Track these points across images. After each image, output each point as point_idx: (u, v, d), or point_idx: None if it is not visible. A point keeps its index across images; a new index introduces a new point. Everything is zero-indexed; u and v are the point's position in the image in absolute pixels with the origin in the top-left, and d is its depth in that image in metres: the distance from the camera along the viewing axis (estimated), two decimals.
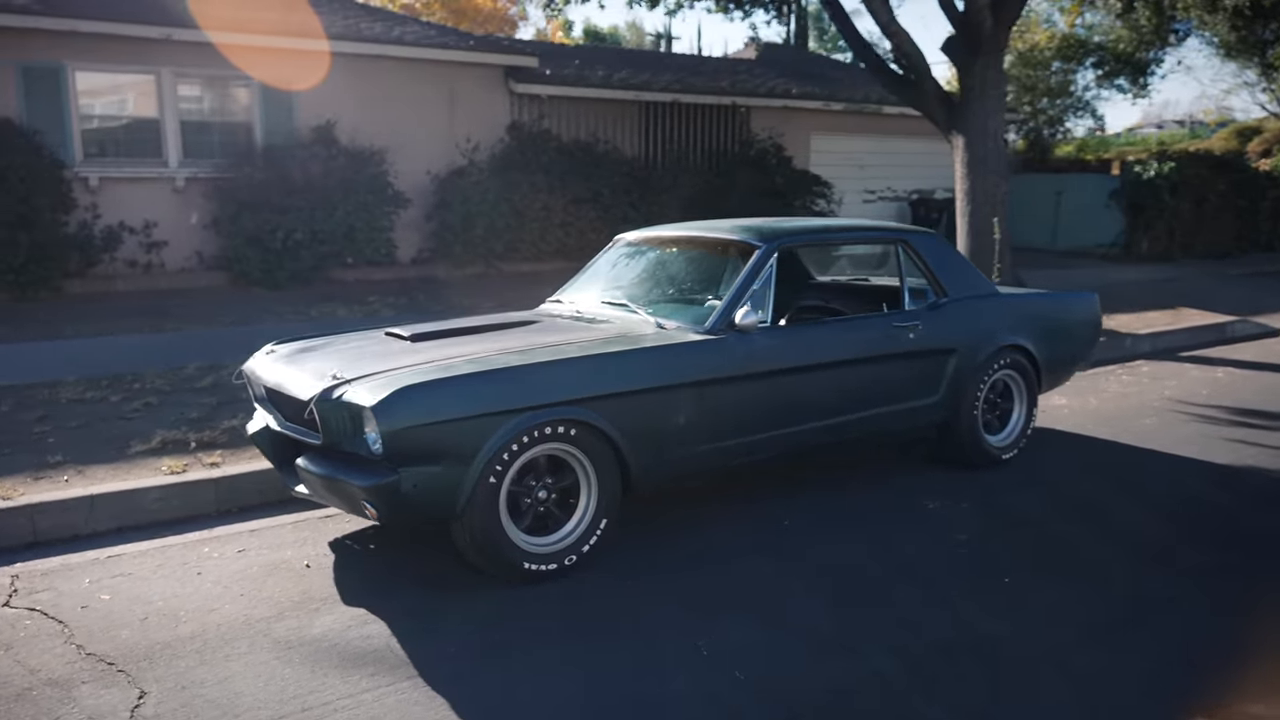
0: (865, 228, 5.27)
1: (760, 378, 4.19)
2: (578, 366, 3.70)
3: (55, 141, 10.20)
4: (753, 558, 3.98)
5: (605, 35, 34.00)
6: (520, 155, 12.73)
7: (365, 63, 12.03)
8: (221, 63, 11.08)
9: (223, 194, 10.77)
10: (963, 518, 4.47)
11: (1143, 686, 2.99)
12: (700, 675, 3.00)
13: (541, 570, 3.64)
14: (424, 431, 3.34)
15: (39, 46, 10.12)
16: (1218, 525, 4.43)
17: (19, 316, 8.75)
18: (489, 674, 3.01)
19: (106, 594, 3.57)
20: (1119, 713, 2.85)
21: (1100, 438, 5.92)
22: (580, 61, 15.16)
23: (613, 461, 3.78)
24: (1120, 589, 3.70)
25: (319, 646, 3.17)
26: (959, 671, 3.07)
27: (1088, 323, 5.75)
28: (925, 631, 3.32)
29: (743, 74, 17.02)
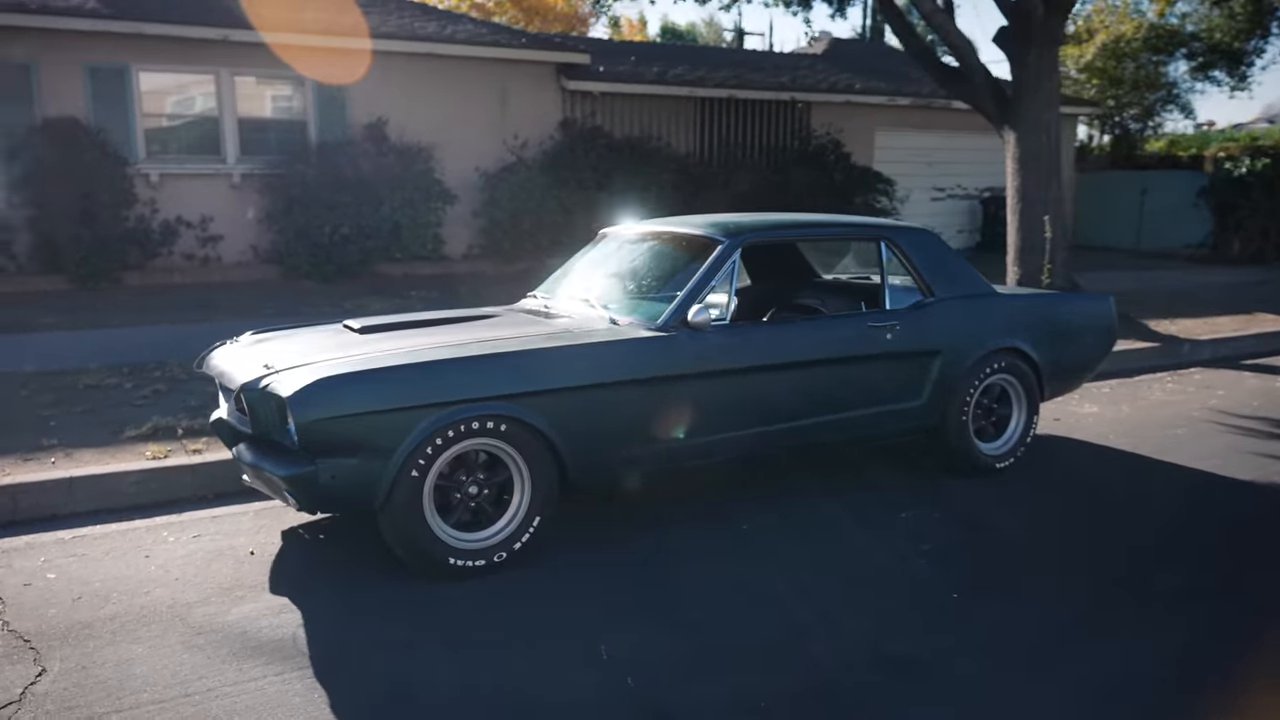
0: (843, 224, 5.08)
1: (714, 377, 4.08)
2: (507, 362, 3.66)
3: (119, 139, 10.67)
4: (699, 563, 3.87)
5: (682, 33, 33.87)
6: (569, 152, 12.77)
7: (417, 61, 12.24)
8: (277, 62, 11.43)
9: (274, 190, 11.11)
10: (932, 528, 4.26)
11: (1051, 718, 2.79)
12: (588, 680, 2.93)
13: (468, 566, 3.61)
14: (340, 424, 3.35)
15: (105, 48, 10.60)
16: (1204, 546, 4.11)
17: (76, 305, 9.18)
18: (381, 668, 2.99)
19: (53, 573, 3.70)
20: None
21: (1116, 448, 5.58)
22: (636, 58, 15.13)
23: (548, 459, 3.73)
24: (1069, 611, 3.46)
25: (228, 633, 3.21)
26: (867, 688, 2.91)
27: (1098, 327, 5.42)
28: (847, 646, 3.17)
29: (805, 69, 16.72)
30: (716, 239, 4.38)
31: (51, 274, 10.19)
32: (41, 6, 10.22)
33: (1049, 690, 2.92)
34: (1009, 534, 4.21)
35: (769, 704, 2.81)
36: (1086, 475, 5.09)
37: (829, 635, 3.24)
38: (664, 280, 4.37)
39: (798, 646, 3.16)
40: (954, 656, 3.11)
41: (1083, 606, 3.49)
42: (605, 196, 12.65)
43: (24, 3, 10.18)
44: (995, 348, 4.87)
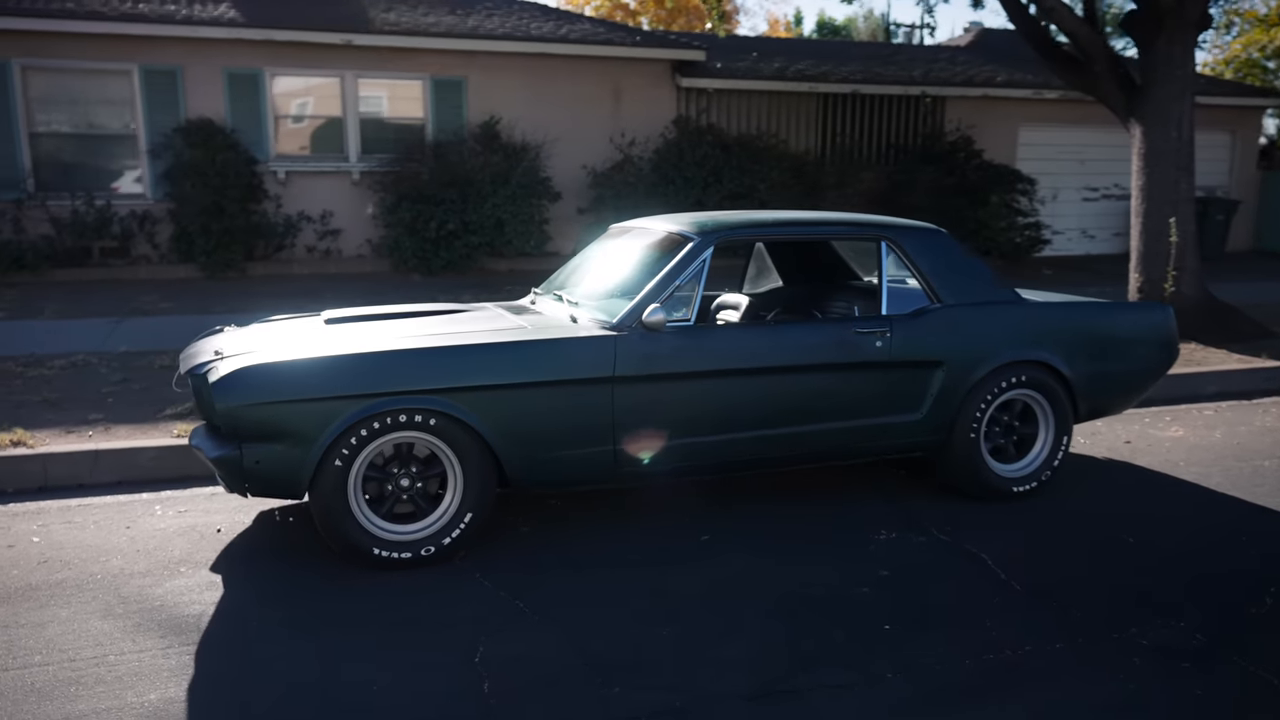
0: (839, 222, 4.73)
1: (667, 380, 3.92)
2: (436, 356, 3.65)
3: (252, 139, 11.47)
4: (638, 570, 3.74)
5: (839, 29, 32.95)
6: (678, 150, 12.69)
7: (532, 60, 12.50)
8: (398, 64, 11.99)
9: (388, 187, 11.62)
10: (904, 553, 3.94)
11: None
12: (437, 684, 2.87)
13: (393, 558, 3.64)
14: (260, 411, 3.45)
15: (242, 54, 11.41)
16: (1212, 595, 3.59)
17: (197, 294, 9.93)
18: (259, 651, 3.06)
19: (38, 538, 4.00)
20: None
21: (1178, 478, 4.99)
22: (758, 54, 14.85)
23: (481, 456, 3.70)
24: (1005, 653, 3.11)
25: (148, 605, 3.37)
26: (722, 715, 2.72)
27: (1148, 340, 4.84)
28: (727, 671, 2.97)
29: (943, 62, 15.92)
30: (688, 237, 4.22)
31: (186, 263, 11.09)
32: (186, 17, 11.12)
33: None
34: (989, 566, 3.83)
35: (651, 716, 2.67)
36: (1121, 507, 4.56)
37: (716, 658, 3.05)
38: (639, 278, 4.23)
39: (676, 666, 2.99)
40: (840, 692, 2.85)
41: (1023, 650, 3.13)
42: (711, 195, 12.51)
43: (171, 13, 11.12)
44: (1013, 360, 4.44)
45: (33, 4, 10.76)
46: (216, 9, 11.54)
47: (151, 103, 11.20)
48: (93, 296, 9.55)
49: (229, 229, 10.94)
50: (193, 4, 11.59)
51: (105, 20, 10.78)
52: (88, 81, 11.14)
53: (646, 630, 3.23)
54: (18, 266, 10.37)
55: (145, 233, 11.23)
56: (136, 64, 11.12)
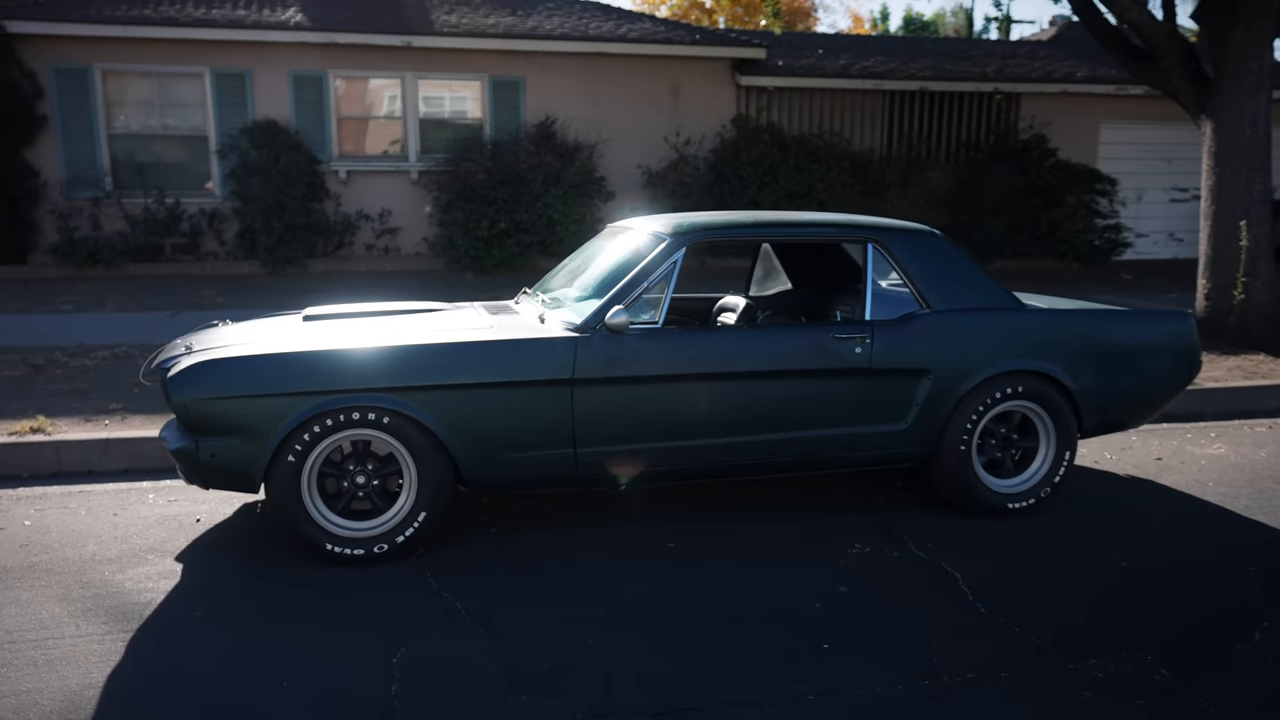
0: (824, 223, 4.55)
1: (631, 384, 3.85)
2: (390, 355, 3.66)
3: (315, 140, 11.82)
4: (593, 576, 3.68)
5: (927, 24, 32.05)
6: (734, 150, 12.55)
7: (590, 60, 12.54)
8: (457, 66, 12.19)
9: (443, 186, 11.82)
10: (873, 569, 3.78)
11: None
12: (353, 683, 2.87)
13: (346, 554, 3.67)
14: (213, 405, 3.52)
15: (307, 58, 11.77)
16: (1194, 627, 3.33)
17: (255, 289, 10.28)
18: (191, 644, 3.11)
19: (30, 521, 4.18)
20: None
21: (1201, 499, 4.66)
22: (823, 51, 14.57)
23: (436, 455, 3.70)
24: (943, 680, 2.94)
25: (104, 591, 3.48)
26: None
27: (1163, 351, 4.54)
28: (660, 688, 2.88)
29: (1020, 57, 15.33)
30: (661, 237, 4.14)
31: (249, 259, 11.49)
32: (255, 22, 11.52)
33: None
34: (959, 587, 3.63)
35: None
36: (1125, 528, 4.28)
37: (635, 670, 2.97)
38: (611, 279, 4.16)
39: (590, 677, 2.92)
40: (749, 710, 2.74)
41: (964, 678, 2.96)
42: (766, 195, 12.35)
43: (241, 18, 11.54)
44: (1008, 370, 4.22)
45: (114, 12, 11.31)
46: (284, 13, 11.93)
47: (222, 105, 11.65)
48: (157, 291, 9.98)
49: (290, 226, 11.29)
50: (261, 9, 12.00)
51: (179, 26, 11.25)
52: (163, 85, 11.65)
53: (577, 638, 3.17)
54: (94, 261, 10.91)
55: (213, 230, 11.68)
56: (208, 67, 11.57)
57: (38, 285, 10.38)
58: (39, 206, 11.18)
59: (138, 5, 11.57)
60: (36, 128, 11.12)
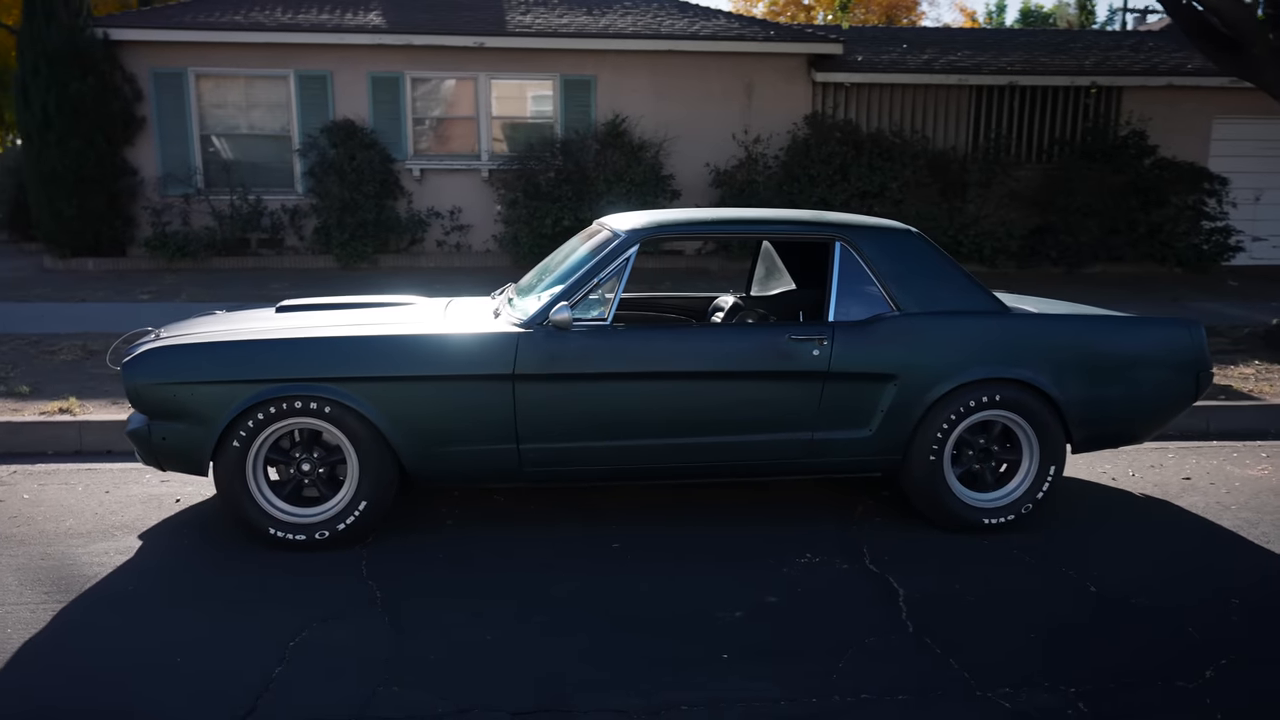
0: (789, 221, 4.34)
1: (574, 381, 3.82)
2: (329, 346, 3.74)
3: (391, 139, 12.20)
4: (526, 574, 3.66)
5: (1047, 16, 30.51)
6: (805, 148, 12.30)
7: (661, 58, 12.52)
8: (529, 65, 12.37)
9: (509, 184, 12.01)
10: (814, 580, 3.63)
11: None
12: (241, 664, 2.94)
13: (288, 539, 3.77)
14: (160, 390, 3.67)
15: (384, 59, 12.15)
16: (1141, 661, 3.05)
17: (323, 282, 10.68)
18: (110, 618, 3.24)
19: (29, 495, 4.45)
20: None
21: (1216, 523, 4.30)
22: (908, 46, 14.10)
23: (378, 446, 3.76)
24: (833, 699, 2.79)
25: (62, 562, 3.67)
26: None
27: (1165, 362, 4.18)
28: (535, 687, 2.85)
29: (1123, 49, 14.48)
30: (616, 235, 4.09)
31: (325, 254, 11.95)
32: (336, 25, 11.98)
33: None
34: (897, 604, 3.45)
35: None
36: (1110, 552, 3.98)
37: (518, 668, 2.94)
38: (565, 276, 4.12)
39: (469, 672, 2.91)
40: (614, 716, 2.67)
41: (856, 698, 2.80)
42: (837, 194, 12.05)
43: (324, 23, 12.01)
44: (983, 377, 3.98)
45: (207, 18, 11.96)
46: (364, 17, 12.35)
47: (305, 105, 12.15)
48: (233, 283, 10.50)
49: (362, 223, 11.69)
50: (344, 13, 12.46)
51: (266, 30, 11.79)
52: (250, 87, 12.24)
53: (476, 634, 3.16)
54: (182, 254, 11.56)
55: (294, 225, 12.21)
56: (292, 70, 12.09)
57: (130, 276, 11.08)
58: (136, 203, 11.92)
59: (229, 11, 12.19)
60: (136, 128, 11.87)
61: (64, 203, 11.25)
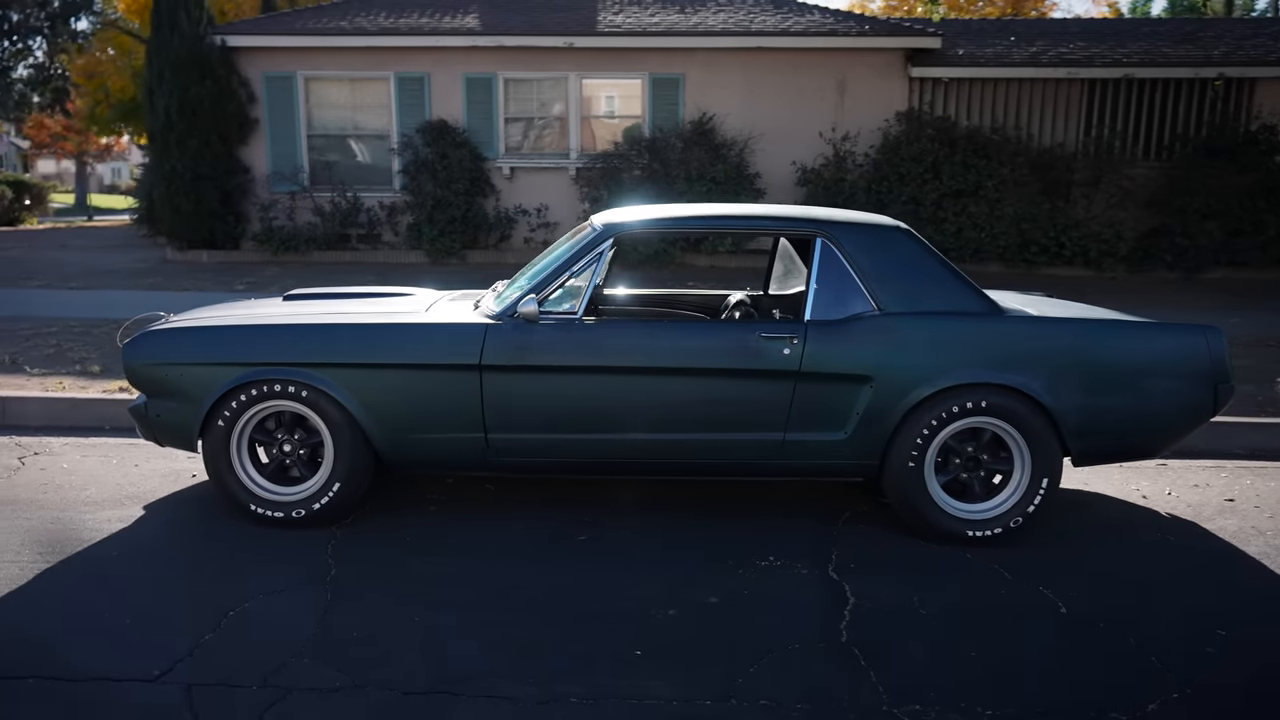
0: (765, 216, 4.20)
1: (540, 373, 3.85)
2: (308, 333, 3.89)
3: (483, 139, 12.55)
4: (487, 563, 3.70)
5: (1194, 5, 28.35)
6: (895, 145, 11.94)
7: (751, 55, 12.41)
8: (619, 64, 12.51)
9: (593, 183, 12.15)
10: (764, 584, 3.54)
11: None
12: (168, 636, 3.10)
13: (268, 516, 3.95)
14: (154, 370, 3.92)
15: (478, 60, 12.51)
16: (1072, 685, 2.84)
17: (409, 276, 11.07)
18: (87, 578, 3.47)
19: (68, 465, 4.83)
20: None
21: (1241, 549, 3.95)
22: (1016, 38, 13.47)
23: (352, 431, 3.89)
24: (729, 703, 2.72)
25: (64, 527, 3.96)
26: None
27: (1175, 371, 3.85)
28: (437, 671, 2.90)
29: (1260, 37, 13.40)
30: (593, 229, 4.10)
31: (416, 250, 12.40)
32: (433, 28, 12.42)
33: None
34: (842, 612, 3.33)
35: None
36: (1096, 573, 3.71)
37: (429, 652, 2.99)
38: (541, 269, 4.14)
39: (380, 653, 2.98)
40: (497, 702, 2.69)
41: (738, 704, 2.73)
42: (928, 193, 11.66)
43: (421, 26, 12.47)
44: (967, 382, 3.78)
45: (316, 24, 12.61)
46: (461, 19, 12.75)
47: (403, 106, 12.65)
48: (327, 276, 11.02)
49: (451, 219, 12.08)
50: (441, 17, 12.89)
51: (369, 35, 12.34)
52: (354, 89, 12.84)
53: (403, 616, 3.23)
54: (285, 249, 12.23)
55: (390, 222, 12.72)
56: (392, 72, 12.61)
57: (238, 267, 11.80)
58: (247, 199, 12.69)
59: (336, 17, 12.82)
60: (249, 129, 12.63)
61: (182, 198, 12.10)
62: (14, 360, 6.61)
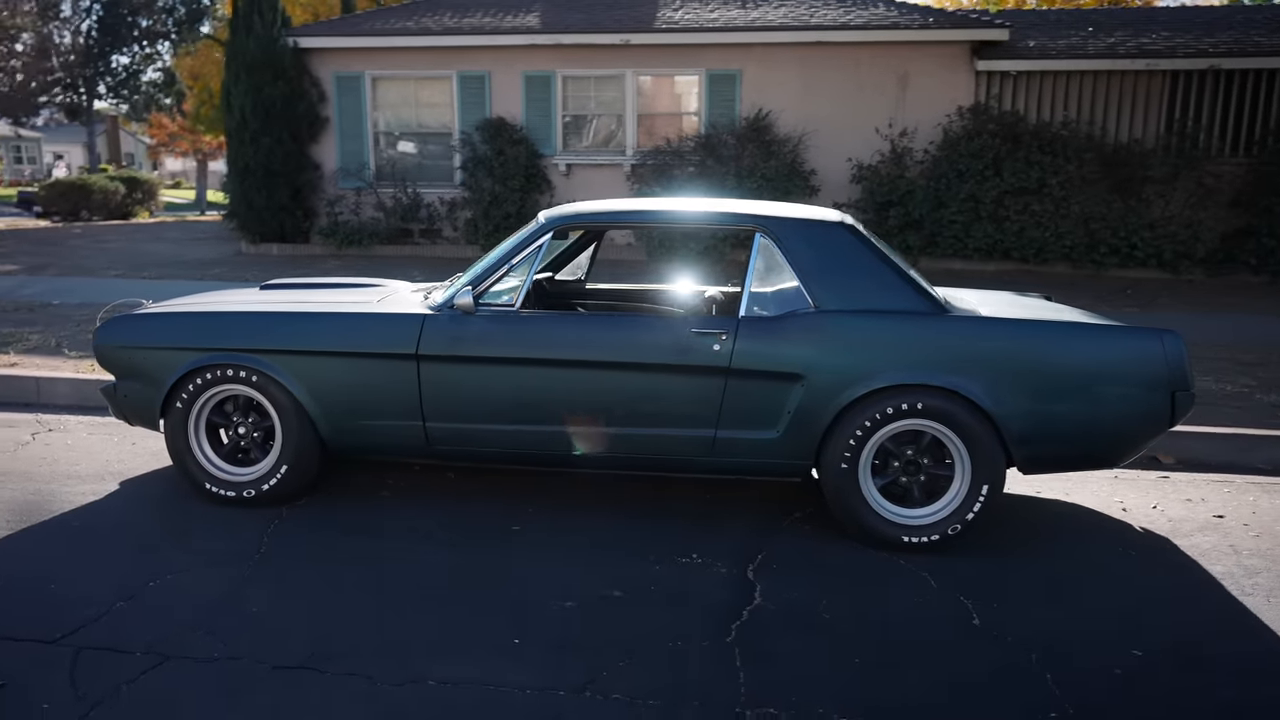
0: (704, 211, 4.13)
1: (472, 364, 3.91)
2: (257, 321, 4.05)
3: (541, 136, 12.74)
4: (399, 545, 3.77)
5: None
6: (954, 141, 11.56)
7: (809, 50, 12.23)
8: (676, 60, 12.51)
9: (644, 179, 12.17)
10: (673, 580, 3.51)
11: None
12: (82, 598, 3.28)
13: (221, 494, 4.13)
14: (119, 353, 4.15)
15: (537, 58, 12.69)
16: (921, 696, 2.72)
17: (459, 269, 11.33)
18: (31, 545, 3.70)
19: (72, 441, 5.15)
20: None
21: (1207, 570, 3.71)
22: (1094, 28, 12.85)
23: (298, 415, 4.04)
24: (583, 696, 2.72)
25: (41, 498, 4.22)
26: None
27: (1127, 376, 3.62)
28: (310, 646, 2.99)
29: None
30: (536, 221, 4.13)
31: (473, 244, 12.67)
32: (494, 28, 12.66)
33: None
34: (738, 614, 3.28)
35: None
36: (1026, 589, 3.54)
37: (314, 629, 3.08)
38: (484, 262, 4.21)
39: (264, 628, 3.09)
40: (347, 679, 2.76)
41: (560, 695, 2.72)
42: (988, 190, 11.27)
43: (482, 25, 12.73)
44: (900, 383, 3.66)
45: (383, 25, 13.02)
46: (521, 19, 12.95)
47: (465, 104, 12.94)
48: (387, 269, 11.35)
49: (506, 215, 12.30)
50: (503, 17, 13.12)
51: (433, 35, 12.67)
52: (418, 88, 13.20)
53: (305, 594, 3.33)
54: (349, 243, 12.68)
55: (449, 217, 13.04)
56: (455, 71, 12.91)
57: (304, 260, 12.30)
58: (316, 195, 13.20)
59: (402, 18, 13.20)
60: (320, 127, 13.14)
61: (255, 194, 12.68)
62: (57, 344, 7.07)
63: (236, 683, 2.77)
